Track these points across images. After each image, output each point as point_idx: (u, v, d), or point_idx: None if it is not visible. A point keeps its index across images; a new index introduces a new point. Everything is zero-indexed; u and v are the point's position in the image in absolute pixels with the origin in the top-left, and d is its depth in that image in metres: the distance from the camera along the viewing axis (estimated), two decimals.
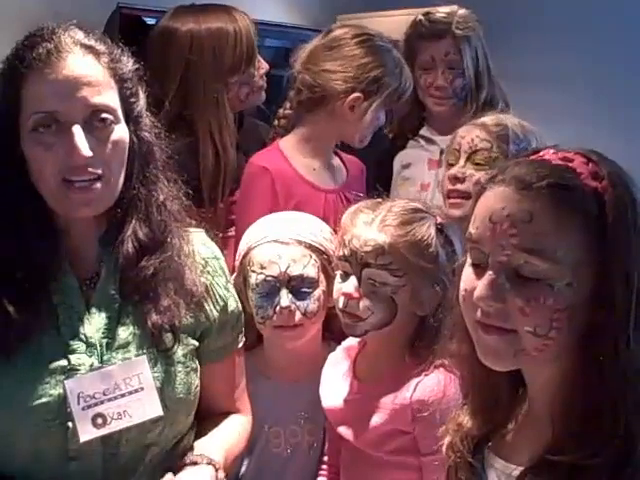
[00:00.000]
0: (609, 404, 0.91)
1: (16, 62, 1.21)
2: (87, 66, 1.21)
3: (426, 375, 1.44)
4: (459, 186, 1.73)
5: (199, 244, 1.37)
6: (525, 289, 0.95)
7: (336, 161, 2.07)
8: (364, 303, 1.47)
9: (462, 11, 2.20)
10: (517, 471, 0.99)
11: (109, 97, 1.23)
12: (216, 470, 1.26)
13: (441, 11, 2.20)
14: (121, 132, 1.24)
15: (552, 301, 0.93)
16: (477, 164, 1.71)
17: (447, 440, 1.12)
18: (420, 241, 1.45)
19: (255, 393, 1.57)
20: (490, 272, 0.97)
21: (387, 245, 1.44)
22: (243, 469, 1.69)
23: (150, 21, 2.49)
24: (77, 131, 1.18)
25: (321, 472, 1.66)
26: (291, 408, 1.70)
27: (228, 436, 1.39)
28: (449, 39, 2.18)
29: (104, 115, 1.21)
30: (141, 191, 1.29)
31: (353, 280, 1.47)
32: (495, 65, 2.24)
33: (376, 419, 1.47)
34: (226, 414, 1.42)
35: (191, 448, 1.33)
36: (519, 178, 0.96)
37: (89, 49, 1.23)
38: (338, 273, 1.54)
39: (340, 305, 1.49)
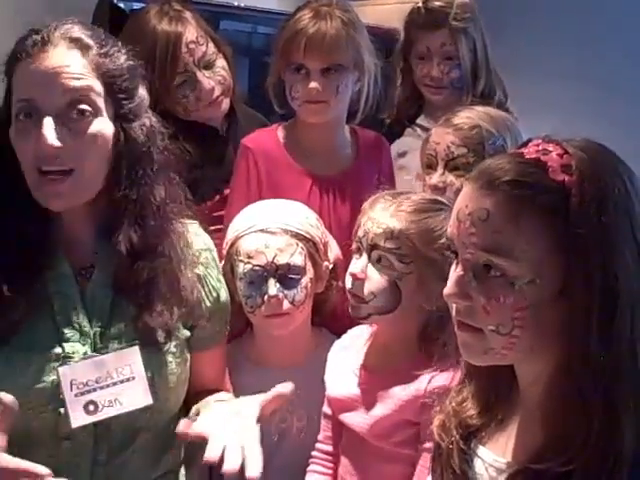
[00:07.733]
0: (582, 406, 0.90)
1: (15, 53, 1.24)
2: (69, 58, 1.23)
3: (441, 371, 1.43)
4: (440, 196, 1.66)
5: (193, 235, 1.39)
6: (488, 287, 0.94)
7: (342, 147, 1.96)
8: (367, 286, 1.47)
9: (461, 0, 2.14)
10: (506, 466, 0.99)
11: (89, 87, 1.23)
12: None
13: None
14: (100, 126, 1.24)
15: (512, 300, 0.92)
16: (456, 171, 1.68)
17: (439, 420, 1.10)
18: (431, 230, 1.45)
19: (244, 379, 1.59)
20: (458, 269, 0.97)
21: (397, 230, 1.44)
22: None
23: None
24: (46, 121, 1.20)
25: (314, 460, 1.65)
26: None
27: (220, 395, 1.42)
28: (445, 30, 2.12)
29: (82, 106, 1.22)
30: (132, 192, 1.28)
31: (363, 260, 1.48)
32: (492, 56, 2.20)
33: (385, 410, 1.46)
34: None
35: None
36: (483, 176, 0.95)
37: (76, 42, 1.24)
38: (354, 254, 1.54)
39: (348, 285, 1.50)
